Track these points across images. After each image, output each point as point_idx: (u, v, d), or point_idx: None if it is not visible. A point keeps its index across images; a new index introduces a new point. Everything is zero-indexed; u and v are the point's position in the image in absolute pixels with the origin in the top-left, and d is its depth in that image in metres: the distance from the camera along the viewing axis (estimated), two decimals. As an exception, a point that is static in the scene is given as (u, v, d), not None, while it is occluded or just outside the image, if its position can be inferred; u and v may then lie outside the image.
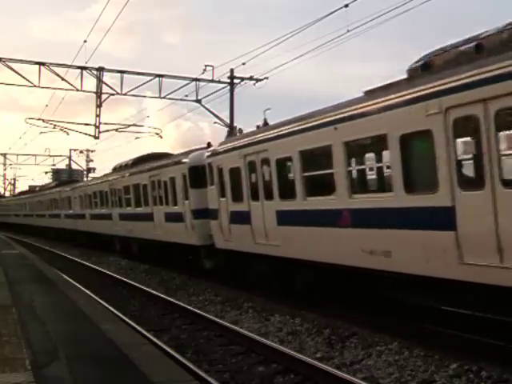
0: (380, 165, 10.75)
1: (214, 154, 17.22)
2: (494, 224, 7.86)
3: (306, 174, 12.36)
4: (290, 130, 12.91)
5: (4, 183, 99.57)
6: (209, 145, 19.33)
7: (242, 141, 15.68)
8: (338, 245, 11.27)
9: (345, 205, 10.93)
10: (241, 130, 22.00)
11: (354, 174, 11.30)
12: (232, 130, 30.97)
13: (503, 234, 7.75)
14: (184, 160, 19.79)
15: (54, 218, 45.26)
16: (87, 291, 15.67)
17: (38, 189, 65.61)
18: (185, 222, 19.50)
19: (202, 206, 18.16)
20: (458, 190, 8.42)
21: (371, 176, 11.31)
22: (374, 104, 10.20)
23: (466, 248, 8.31)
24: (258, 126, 17.16)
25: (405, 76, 10.32)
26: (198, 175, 18.44)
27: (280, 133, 13.42)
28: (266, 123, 17.40)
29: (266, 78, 30.59)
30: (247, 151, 14.84)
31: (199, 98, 31.43)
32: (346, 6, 18.87)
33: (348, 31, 19.78)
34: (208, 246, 17.99)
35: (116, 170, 30.58)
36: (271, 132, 14.04)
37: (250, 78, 30.78)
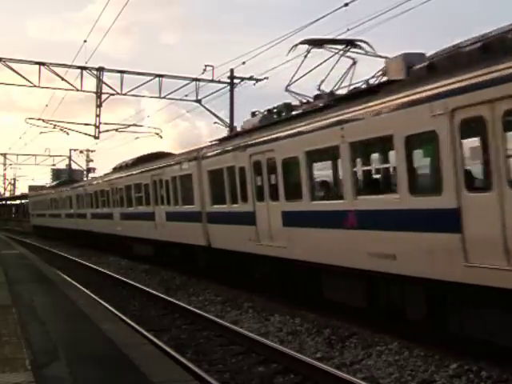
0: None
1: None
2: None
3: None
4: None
5: (4, 183, 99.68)
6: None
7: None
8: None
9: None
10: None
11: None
12: (232, 130, 30.96)
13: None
14: None
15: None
16: (87, 291, 15.67)
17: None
18: None
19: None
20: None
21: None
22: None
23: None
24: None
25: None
26: None
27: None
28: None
29: (266, 77, 30.63)
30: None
31: (199, 97, 31.48)
32: (346, 5, 18.85)
33: (348, 30, 19.78)
34: None
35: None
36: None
37: (250, 78, 30.80)
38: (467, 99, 8.14)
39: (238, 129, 20.91)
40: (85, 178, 64.12)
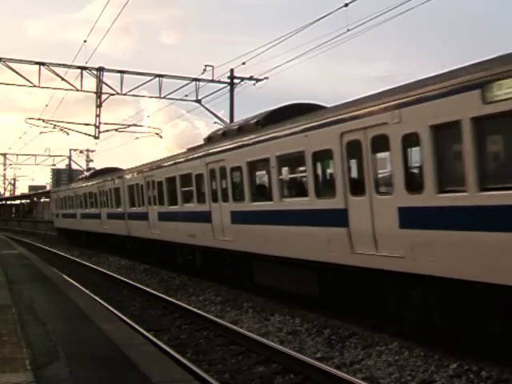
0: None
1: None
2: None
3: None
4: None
5: (4, 183, 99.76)
6: None
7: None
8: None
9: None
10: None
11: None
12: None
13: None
14: None
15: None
16: (87, 291, 15.66)
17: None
18: None
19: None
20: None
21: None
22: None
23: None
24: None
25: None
26: None
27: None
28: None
29: (266, 77, 30.66)
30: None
31: (199, 97, 31.49)
32: (346, 5, 18.89)
33: (348, 31, 19.82)
34: None
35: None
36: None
37: (250, 78, 30.82)
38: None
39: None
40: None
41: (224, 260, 17.05)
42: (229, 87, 31.18)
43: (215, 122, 32.67)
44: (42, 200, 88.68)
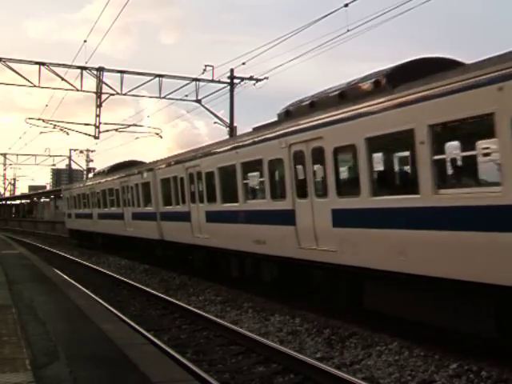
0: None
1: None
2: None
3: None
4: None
5: (4, 183, 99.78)
6: None
7: None
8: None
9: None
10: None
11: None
12: (232, 130, 31.00)
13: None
14: None
15: None
16: (87, 291, 15.67)
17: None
18: None
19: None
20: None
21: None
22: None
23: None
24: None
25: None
26: None
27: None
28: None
29: (266, 77, 30.68)
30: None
31: (199, 98, 31.51)
32: (346, 5, 18.90)
33: (348, 31, 19.83)
34: None
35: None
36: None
37: (250, 78, 30.85)
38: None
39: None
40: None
41: (313, 277, 13.20)
42: (229, 87, 31.20)
43: (215, 122, 32.72)
44: (42, 200, 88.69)
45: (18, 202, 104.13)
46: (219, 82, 30.98)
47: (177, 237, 20.49)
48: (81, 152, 70.41)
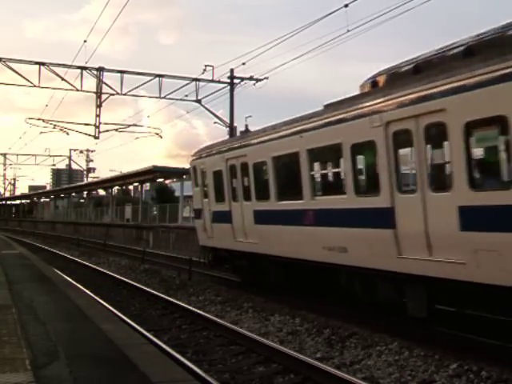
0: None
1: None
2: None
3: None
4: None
5: (4, 183, 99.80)
6: None
7: None
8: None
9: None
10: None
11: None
12: (232, 130, 31.01)
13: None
14: None
15: None
16: (87, 291, 15.66)
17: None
18: None
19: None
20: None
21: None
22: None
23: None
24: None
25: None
26: None
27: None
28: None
29: (266, 78, 30.69)
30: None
31: (199, 98, 31.52)
32: (346, 5, 18.93)
33: (348, 31, 19.84)
34: None
35: None
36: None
37: (250, 78, 30.87)
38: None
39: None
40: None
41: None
42: (229, 87, 31.20)
43: (215, 122, 32.73)
44: (41, 200, 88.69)
45: (18, 202, 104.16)
46: (219, 82, 31.02)
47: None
48: (81, 152, 70.58)
